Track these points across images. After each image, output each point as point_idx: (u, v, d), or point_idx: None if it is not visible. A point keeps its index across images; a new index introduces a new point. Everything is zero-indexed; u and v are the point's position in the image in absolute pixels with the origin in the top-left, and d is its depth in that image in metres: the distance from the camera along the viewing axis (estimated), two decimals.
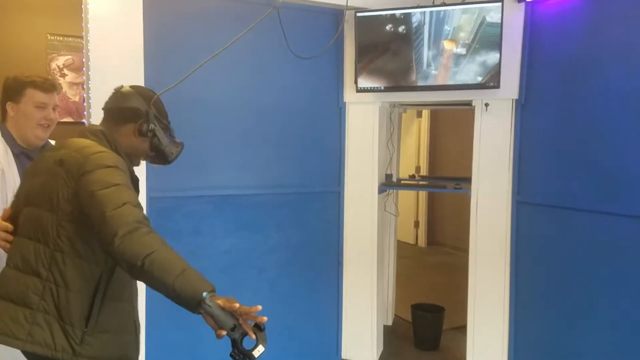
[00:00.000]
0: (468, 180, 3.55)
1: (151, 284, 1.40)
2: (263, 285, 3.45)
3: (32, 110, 2.15)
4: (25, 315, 1.56)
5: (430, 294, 4.75)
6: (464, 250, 6.09)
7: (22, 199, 1.72)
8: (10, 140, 2.15)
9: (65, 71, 4.60)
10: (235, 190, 3.26)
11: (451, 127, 7.22)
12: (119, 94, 1.82)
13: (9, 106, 2.17)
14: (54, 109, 2.21)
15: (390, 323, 4.41)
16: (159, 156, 1.87)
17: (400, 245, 4.86)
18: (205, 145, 3.21)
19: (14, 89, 2.16)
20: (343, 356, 3.70)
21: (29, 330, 1.55)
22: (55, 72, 4.54)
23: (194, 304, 1.37)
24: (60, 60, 4.57)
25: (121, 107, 1.79)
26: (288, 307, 3.52)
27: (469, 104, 3.38)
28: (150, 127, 1.81)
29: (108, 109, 1.81)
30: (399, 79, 3.32)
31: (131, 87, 1.85)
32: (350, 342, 3.70)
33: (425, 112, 7.27)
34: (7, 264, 1.64)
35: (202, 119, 3.21)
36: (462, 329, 3.95)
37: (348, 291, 3.69)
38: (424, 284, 5.77)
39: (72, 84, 4.62)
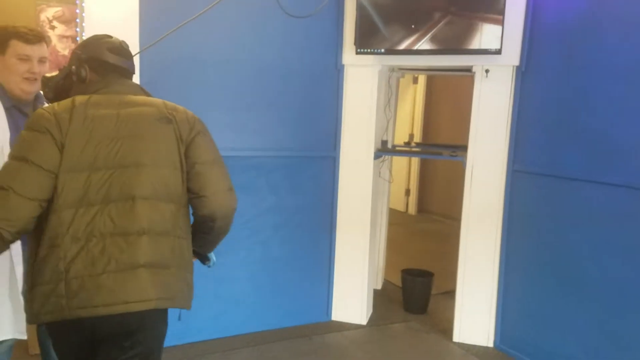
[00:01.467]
0: (462, 148, 3.54)
1: (213, 237, 1.76)
2: (256, 247, 3.46)
3: (15, 63, 2.06)
4: (170, 275, 1.58)
5: (420, 260, 4.80)
6: (453, 218, 6.14)
7: (108, 162, 1.54)
8: (1, 93, 2.08)
9: (55, 23, 4.46)
10: (230, 152, 3.19)
11: (446, 95, 7.19)
12: (129, 54, 1.78)
13: None
14: (41, 62, 2.11)
15: (379, 287, 4.47)
16: None
17: (391, 212, 4.87)
18: (201, 105, 3.14)
19: (0, 40, 2.07)
20: (333, 317, 3.75)
21: (176, 288, 1.60)
22: (44, 24, 4.40)
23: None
24: (50, 12, 4.42)
25: (133, 72, 1.80)
26: (280, 268, 3.55)
27: (469, 69, 3.34)
28: None
29: (126, 70, 1.76)
30: (400, 41, 3.26)
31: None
32: (341, 304, 3.74)
33: (421, 79, 7.21)
34: (130, 233, 1.52)
35: (197, 78, 3.15)
36: (450, 294, 4.02)
37: (340, 254, 3.71)
38: (413, 250, 5.83)
39: (61, 37, 4.49)
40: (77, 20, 2.87)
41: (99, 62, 1.70)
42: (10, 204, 1.44)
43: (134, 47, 2.85)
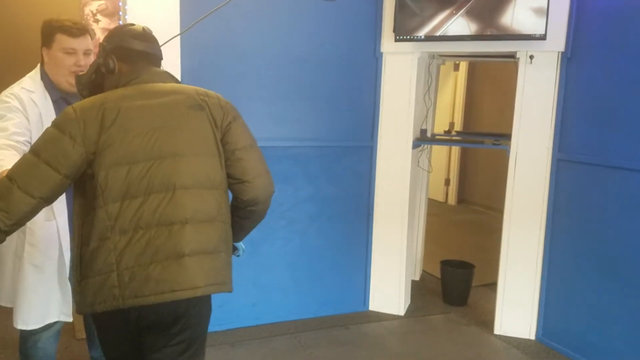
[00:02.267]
0: (506, 136, 3.45)
1: (250, 223, 1.78)
2: (293, 236, 3.47)
3: (62, 57, 2.10)
4: (219, 260, 1.61)
5: (460, 252, 4.73)
6: (495, 209, 6.02)
7: (146, 154, 1.54)
8: (49, 86, 2.14)
9: (99, 17, 4.56)
10: (267, 142, 3.21)
11: (488, 82, 7.02)
12: (154, 39, 1.76)
13: (44, 51, 2.14)
14: (86, 54, 2.15)
15: (417, 278, 4.43)
16: None
17: (430, 203, 4.81)
18: (239, 95, 3.17)
19: (46, 34, 2.13)
20: (370, 308, 3.74)
21: (225, 273, 1.63)
22: (88, 17, 4.51)
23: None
24: (94, 6, 4.52)
25: (161, 57, 1.78)
26: (317, 258, 3.56)
27: (512, 55, 3.24)
28: None
29: (154, 55, 1.74)
30: (441, 27, 3.19)
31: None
32: (378, 294, 3.72)
33: (463, 65, 7.06)
34: (174, 223, 1.53)
35: (236, 69, 3.17)
36: (491, 286, 3.94)
37: (377, 245, 3.69)
38: (452, 241, 5.75)
39: (105, 30, 4.58)
40: (120, 13, 2.92)
41: (125, 50, 1.68)
42: (12, 197, 1.47)
43: (175, 39, 2.89)
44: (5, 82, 2.17)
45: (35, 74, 2.16)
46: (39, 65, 2.18)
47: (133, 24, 1.76)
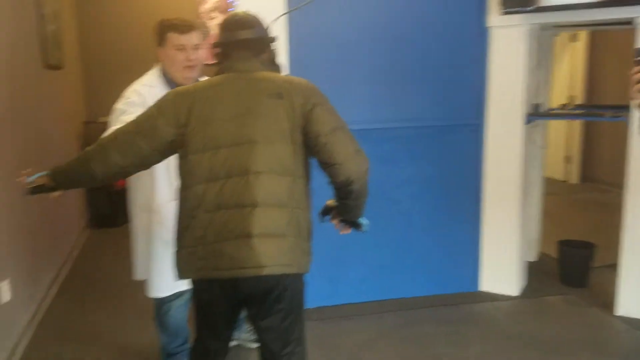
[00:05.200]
0: (629, 108, 3.19)
1: (353, 201, 1.82)
2: (397, 217, 3.50)
3: (174, 53, 2.29)
4: (285, 243, 1.70)
5: (581, 232, 4.46)
6: (623, 186, 5.56)
7: (227, 140, 1.70)
8: (168, 81, 2.35)
9: (213, 14, 4.87)
10: (369, 125, 3.25)
11: (612, 51, 6.46)
12: (255, 22, 1.84)
13: (159, 50, 2.35)
14: (195, 49, 2.31)
15: (534, 259, 4.26)
16: None
17: (548, 182, 4.57)
18: (340, 80, 3.24)
19: (159, 34, 2.33)
20: (481, 288, 3.68)
21: (291, 255, 1.72)
22: (204, 15, 4.83)
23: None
24: (209, 4, 4.83)
25: (264, 38, 1.86)
26: (422, 238, 3.56)
27: (629, 22, 2.99)
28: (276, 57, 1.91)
29: (255, 40, 1.82)
30: None
31: (250, 13, 1.88)
32: (490, 275, 3.65)
33: (582, 36, 6.55)
34: (246, 205, 1.67)
35: (335, 54, 3.24)
36: (614, 266, 3.70)
37: (488, 224, 3.60)
38: (573, 221, 5.42)
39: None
40: (230, 10, 3.11)
41: (223, 44, 1.83)
42: (108, 157, 1.78)
43: (284, 39, 3.02)
44: (127, 79, 2.42)
45: (155, 71, 2.40)
46: (157, 63, 2.41)
47: (236, 13, 1.88)
